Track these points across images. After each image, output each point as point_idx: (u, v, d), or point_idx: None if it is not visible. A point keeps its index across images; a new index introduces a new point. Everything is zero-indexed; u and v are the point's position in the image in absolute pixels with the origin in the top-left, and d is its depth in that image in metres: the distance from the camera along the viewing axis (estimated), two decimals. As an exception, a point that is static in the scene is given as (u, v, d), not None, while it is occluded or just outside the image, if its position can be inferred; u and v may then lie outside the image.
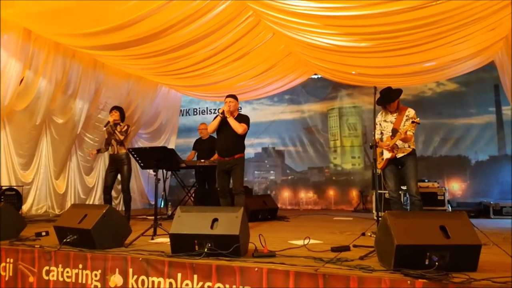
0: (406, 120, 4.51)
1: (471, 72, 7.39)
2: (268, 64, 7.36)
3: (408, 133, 4.39)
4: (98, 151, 6.01)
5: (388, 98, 4.60)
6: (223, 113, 5.19)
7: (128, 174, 5.68)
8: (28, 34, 5.99)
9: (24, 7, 4.96)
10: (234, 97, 5.38)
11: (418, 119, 4.36)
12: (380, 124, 4.76)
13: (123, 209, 5.97)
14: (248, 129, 5.38)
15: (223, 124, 5.28)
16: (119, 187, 7.28)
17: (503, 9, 4.81)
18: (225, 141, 5.22)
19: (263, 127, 9.65)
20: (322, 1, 4.87)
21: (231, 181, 5.33)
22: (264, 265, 2.80)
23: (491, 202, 6.90)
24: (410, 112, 4.57)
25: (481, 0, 4.59)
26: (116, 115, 5.68)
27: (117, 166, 5.64)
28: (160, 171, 4.78)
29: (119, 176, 5.77)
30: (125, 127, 5.69)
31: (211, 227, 3.14)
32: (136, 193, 9.18)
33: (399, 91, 4.62)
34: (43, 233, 4.34)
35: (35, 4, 4.84)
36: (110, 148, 5.72)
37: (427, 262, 2.55)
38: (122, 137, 5.59)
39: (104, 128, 5.82)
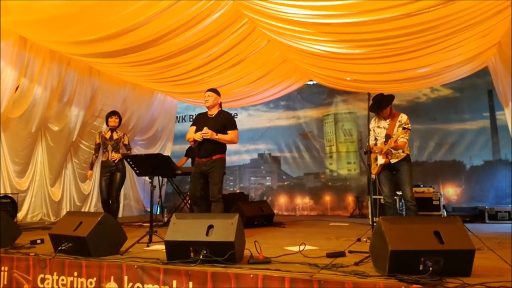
0: (399, 126, 4.54)
1: (465, 78, 7.44)
2: (263, 70, 7.39)
3: (400, 140, 4.41)
4: (91, 167, 5.97)
5: (380, 105, 4.64)
6: (195, 142, 4.66)
7: (120, 182, 5.62)
8: (24, 42, 6.00)
9: (20, 15, 4.98)
10: (214, 90, 4.84)
11: (409, 125, 4.39)
12: (373, 130, 4.79)
13: (120, 216, 5.94)
14: (237, 129, 4.80)
15: (202, 122, 4.74)
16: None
17: (495, 15, 4.87)
18: (204, 142, 4.60)
19: (259, 133, 9.67)
20: (316, 8, 4.91)
21: (209, 186, 4.67)
22: (259, 271, 2.80)
23: (486, 207, 6.93)
24: (403, 117, 4.60)
25: (473, 7, 4.65)
26: (117, 121, 5.71)
27: (110, 172, 5.62)
28: (156, 178, 4.77)
29: None
30: (126, 140, 5.71)
31: (207, 234, 3.15)
32: (132, 200, 9.17)
33: (390, 98, 4.65)
34: (38, 241, 4.32)
35: (31, 12, 4.86)
36: (103, 154, 5.66)
37: (421, 267, 2.57)
38: (129, 153, 5.63)
39: (102, 134, 5.80)
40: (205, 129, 4.55)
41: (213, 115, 4.83)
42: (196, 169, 4.76)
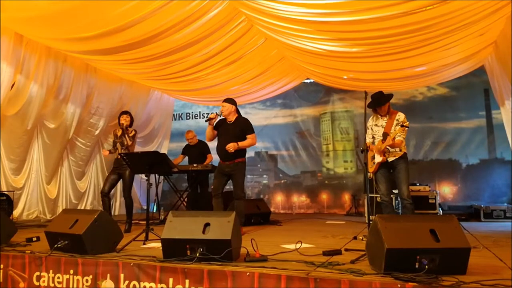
0: (397, 124, 4.55)
1: (461, 77, 7.47)
2: (260, 68, 7.39)
3: (398, 138, 4.43)
4: (110, 151, 6.02)
5: (379, 101, 4.65)
6: (209, 120, 5.17)
7: (130, 179, 5.65)
8: (20, 38, 5.96)
9: (15, 12, 4.95)
10: (228, 101, 5.28)
11: (407, 122, 4.40)
12: (371, 128, 4.81)
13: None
14: (254, 132, 5.35)
15: (223, 129, 5.23)
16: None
17: (492, 14, 4.89)
18: (225, 146, 5.05)
19: (256, 131, 9.47)
20: (313, 7, 4.91)
21: (232, 186, 5.32)
22: (255, 269, 2.80)
23: (482, 206, 6.95)
24: (400, 116, 4.62)
25: (470, 6, 4.66)
26: (128, 120, 5.73)
27: (120, 170, 5.61)
28: (152, 175, 4.76)
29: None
30: (133, 132, 5.74)
31: (203, 232, 3.14)
32: (129, 197, 9.14)
33: (389, 95, 4.67)
34: (34, 239, 4.31)
35: (26, 9, 4.83)
36: (115, 151, 5.74)
37: (417, 266, 2.57)
38: (130, 142, 5.65)
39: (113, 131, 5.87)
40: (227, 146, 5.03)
41: (231, 122, 5.28)
42: (219, 169, 5.28)
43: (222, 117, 5.29)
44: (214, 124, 5.26)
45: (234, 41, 6.19)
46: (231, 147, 5.00)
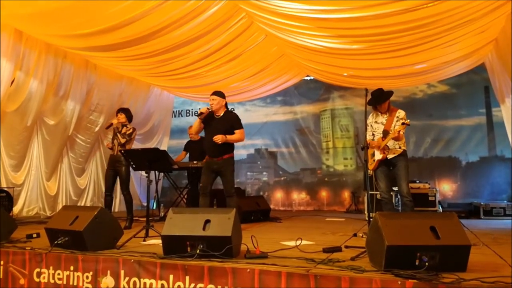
0: (397, 121, 4.56)
1: (462, 74, 7.47)
2: (261, 65, 7.38)
3: (400, 132, 4.43)
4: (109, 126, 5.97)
5: (379, 99, 4.65)
6: (200, 114, 4.99)
7: (127, 175, 5.69)
8: (19, 35, 5.95)
9: (15, 9, 4.93)
10: (218, 94, 5.08)
11: (408, 120, 4.40)
12: (371, 126, 4.80)
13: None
14: (243, 128, 5.13)
15: (210, 124, 5.03)
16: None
17: (492, 12, 4.88)
18: (212, 141, 4.85)
19: (256, 128, 9.66)
20: (314, 3, 4.90)
21: (222, 184, 5.11)
22: (256, 266, 2.80)
23: (482, 203, 6.97)
24: (401, 113, 4.62)
25: (471, 3, 4.65)
26: (122, 117, 5.73)
27: (115, 167, 5.66)
28: (152, 172, 4.77)
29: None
30: (130, 130, 5.73)
31: (203, 229, 3.14)
32: (129, 194, 9.14)
33: (390, 92, 4.67)
34: (34, 235, 4.31)
35: (26, 5, 4.81)
36: (112, 148, 5.75)
37: (417, 263, 2.57)
38: (123, 140, 5.64)
39: (108, 128, 5.98)
40: (215, 137, 4.85)
41: (219, 116, 5.09)
42: (207, 166, 5.05)
43: (211, 111, 5.06)
44: (203, 118, 5.07)
45: (234, 38, 6.18)
46: (219, 138, 4.81)
